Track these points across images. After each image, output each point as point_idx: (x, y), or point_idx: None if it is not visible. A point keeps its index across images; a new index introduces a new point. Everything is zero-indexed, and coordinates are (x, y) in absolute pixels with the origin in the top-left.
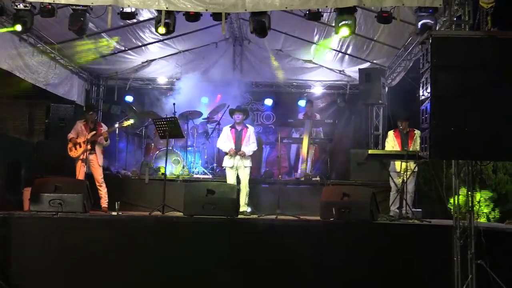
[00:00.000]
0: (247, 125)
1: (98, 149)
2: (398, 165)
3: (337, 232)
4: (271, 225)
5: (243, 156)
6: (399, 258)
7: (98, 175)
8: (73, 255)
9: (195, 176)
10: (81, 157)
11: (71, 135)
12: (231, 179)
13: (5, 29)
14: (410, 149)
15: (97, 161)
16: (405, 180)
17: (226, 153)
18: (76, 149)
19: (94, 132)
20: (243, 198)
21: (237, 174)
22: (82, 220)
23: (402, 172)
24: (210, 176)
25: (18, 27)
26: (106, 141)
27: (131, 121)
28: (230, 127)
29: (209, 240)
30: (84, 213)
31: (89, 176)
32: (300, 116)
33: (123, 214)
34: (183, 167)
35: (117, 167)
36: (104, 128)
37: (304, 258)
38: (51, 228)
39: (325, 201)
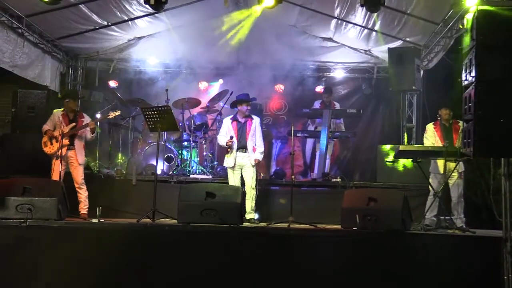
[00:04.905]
0: (252, 115)
1: (78, 145)
2: (441, 164)
3: (361, 244)
4: (282, 236)
5: (258, 163)
6: (436, 275)
7: (78, 175)
8: (45, 271)
9: (192, 176)
10: (58, 154)
11: (46, 126)
12: (233, 181)
13: None
14: (456, 145)
15: (76, 158)
16: (444, 182)
17: (227, 150)
18: (51, 144)
19: (73, 124)
20: (250, 203)
21: (241, 174)
22: (57, 229)
23: (447, 173)
24: (210, 177)
25: None
26: (92, 133)
27: (118, 112)
28: (231, 118)
29: (208, 253)
30: (59, 221)
31: (68, 175)
32: (316, 105)
33: (106, 222)
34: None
35: (98, 166)
36: (86, 119)
37: (322, 274)
38: (19, 238)
39: (347, 207)
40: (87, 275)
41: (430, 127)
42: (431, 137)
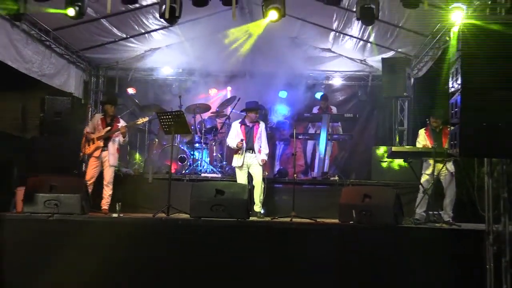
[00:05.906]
0: (259, 120)
1: (111, 147)
2: (432, 165)
3: (357, 237)
4: (285, 229)
5: (264, 163)
6: (425, 264)
7: (108, 175)
8: (70, 261)
9: (202, 175)
10: (94, 155)
11: (87, 128)
12: (241, 179)
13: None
14: (445, 147)
15: (108, 160)
16: (433, 180)
17: (236, 151)
18: (88, 145)
19: (109, 128)
20: (258, 195)
21: (249, 172)
22: (80, 223)
23: (436, 174)
24: (219, 175)
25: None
26: (124, 137)
27: (146, 118)
28: (240, 122)
29: (218, 245)
30: (82, 215)
31: (99, 173)
32: (315, 110)
33: (125, 216)
34: None
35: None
36: (121, 123)
37: (322, 265)
38: (46, 231)
39: (345, 203)
40: (107, 265)
41: (422, 132)
42: (423, 141)
